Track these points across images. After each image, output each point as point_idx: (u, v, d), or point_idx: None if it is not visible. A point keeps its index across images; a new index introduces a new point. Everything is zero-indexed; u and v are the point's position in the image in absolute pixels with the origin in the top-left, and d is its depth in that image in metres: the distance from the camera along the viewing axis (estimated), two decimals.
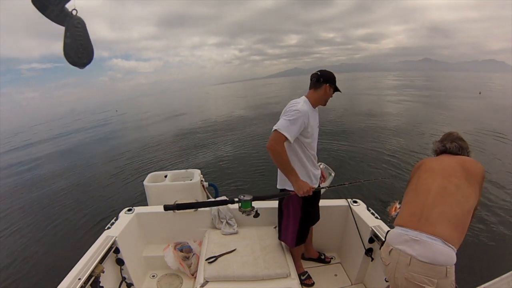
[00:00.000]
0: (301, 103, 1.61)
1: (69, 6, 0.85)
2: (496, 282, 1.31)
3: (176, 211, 2.12)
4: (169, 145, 8.52)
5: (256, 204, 2.28)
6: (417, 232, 1.13)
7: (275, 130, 1.50)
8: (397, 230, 1.23)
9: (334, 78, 1.71)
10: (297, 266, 1.87)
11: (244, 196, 1.51)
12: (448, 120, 10.45)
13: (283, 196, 1.64)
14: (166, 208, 1.49)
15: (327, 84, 1.67)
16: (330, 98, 1.75)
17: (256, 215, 1.57)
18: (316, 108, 1.76)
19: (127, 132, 12.01)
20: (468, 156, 1.40)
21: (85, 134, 14.34)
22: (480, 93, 21.35)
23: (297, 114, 1.52)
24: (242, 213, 1.53)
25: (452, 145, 1.41)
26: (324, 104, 1.75)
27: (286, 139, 1.49)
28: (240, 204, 1.52)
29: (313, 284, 1.99)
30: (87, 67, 0.94)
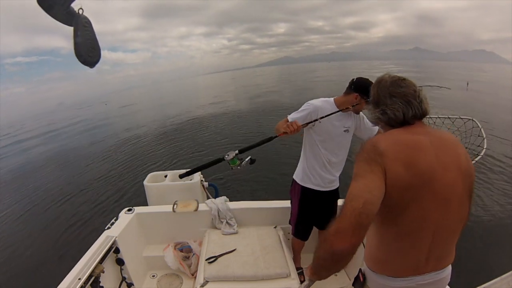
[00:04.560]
0: (318, 99, 1.69)
1: (75, 5, 0.85)
2: (496, 282, 1.31)
3: (176, 211, 2.12)
4: (168, 145, 8.51)
5: (255, 204, 2.28)
6: (425, 275, 0.90)
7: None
8: (393, 282, 0.92)
9: (368, 89, 1.62)
10: (295, 260, 1.89)
11: (228, 155, 1.55)
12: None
13: (268, 141, 1.63)
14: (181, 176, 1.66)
15: (357, 94, 1.59)
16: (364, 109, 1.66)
17: (252, 161, 1.62)
18: (350, 113, 1.68)
19: (124, 130, 11.99)
20: (427, 107, 0.91)
21: (79, 131, 14.29)
22: (468, 84, 21.21)
23: (306, 106, 1.65)
24: (237, 168, 1.58)
25: (395, 106, 0.89)
26: (356, 113, 1.70)
27: None
28: (229, 163, 1.57)
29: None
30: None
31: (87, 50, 0.89)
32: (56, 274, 1.53)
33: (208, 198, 2.86)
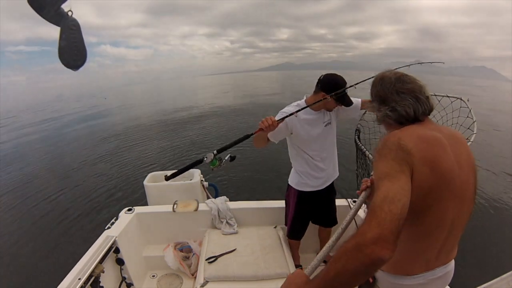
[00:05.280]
0: (291, 105, 1.66)
1: (65, 6, 0.85)
2: (496, 282, 1.31)
3: (176, 211, 2.12)
4: (169, 145, 8.52)
5: (255, 204, 2.28)
6: (435, 270, 0.91)
7: None
8: (406, 280, 0.91)
9: (335, 86, 1.51)
10: (293, 258, 1.90)
11: (206, 157, 1.54)
12: None
13: (244, 139, 1.60)
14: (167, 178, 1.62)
15: (323, 93, 1.54)
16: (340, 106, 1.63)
17: (232, 158, 1.63)
18: (320, 111, 1.66)
19: (123, 128, 11.98)
20: (433, 103, 0.91)
21: (76, 127, 14.21)
22: (468, 100, 21.04)
23: (280, 115, 1.59)
24: (218, 168, 1.59)
25: (405, 103, 0.87)
26: (329, 111, 1.67)
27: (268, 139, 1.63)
28: (209, 165, 1.57)
29: None
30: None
31: (71, 54, 0.89)
32: (56, 274, 1.53)
33: (208, 198, 2.86)
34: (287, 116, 1.53)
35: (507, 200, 4.16)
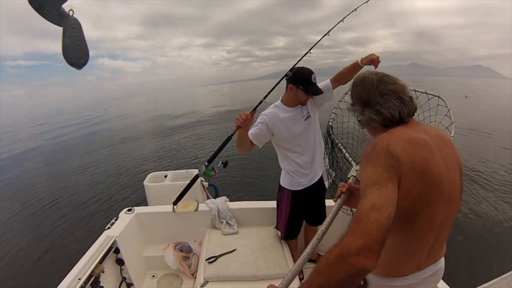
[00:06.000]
0: (270, 107, 1.69)
1: (65, 6, 0.85)
2: (496, 282, 1.31)
3: (176, 211, 2.13)
4: (169, 145, 8.53)
5: (255, 204, 2.28)
6: (425, 269, 0.91)
7: None
8: (397, 282, 0.91)
9: (301, 77, 1.57)
10: (293, 259, 1.90)
11: (199, 171, 1.64)
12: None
13: (227, 142, 1.65)
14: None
15: (291, 85, 1.60)
16: (311, 99, 1.66)
17: (225, 164, 1.73)
18: (297, 107, 1.68)
19: (123, 132, 12.08)
20: (417, 103, 0.90)
21: (78, 134, 14.35)
22: (466, 96, 21.29)
23: (261, 118, 1.64)
24: (214, 176, 1.69)
25: (390, 105, 0.84)
26: (302, 104, 1.68)
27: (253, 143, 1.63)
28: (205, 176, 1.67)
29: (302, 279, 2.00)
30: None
31: (75, 52, 0.89)
32: (56, 274, 1.53)
33: (208, 198, 2.86)
34: (257, 106, 1.62)
35: (507, 200, 4.16)
